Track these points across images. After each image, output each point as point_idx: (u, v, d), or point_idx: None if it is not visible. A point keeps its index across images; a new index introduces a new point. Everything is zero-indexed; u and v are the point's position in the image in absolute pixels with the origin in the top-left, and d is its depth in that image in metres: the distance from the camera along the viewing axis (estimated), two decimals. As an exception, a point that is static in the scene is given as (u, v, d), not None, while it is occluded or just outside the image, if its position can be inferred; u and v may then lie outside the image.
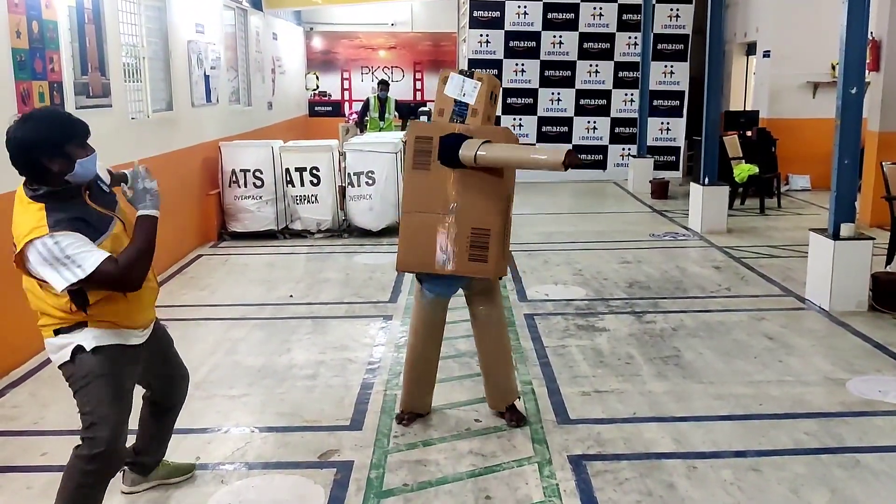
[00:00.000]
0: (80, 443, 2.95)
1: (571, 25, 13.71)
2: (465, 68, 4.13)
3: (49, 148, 2.75)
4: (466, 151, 3.76)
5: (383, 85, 13.15)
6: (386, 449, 3.94)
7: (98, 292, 2.86)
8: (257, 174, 9.02)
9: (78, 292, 2.81)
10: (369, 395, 4.59)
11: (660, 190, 12.06)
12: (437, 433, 4.11)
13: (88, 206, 2.89)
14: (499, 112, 13.72)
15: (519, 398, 4.32)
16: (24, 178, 2.86)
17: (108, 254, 2.78)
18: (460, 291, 4.13)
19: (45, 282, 2.78)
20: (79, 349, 2.91)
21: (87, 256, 2.72)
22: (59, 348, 2.94)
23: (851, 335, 5.60)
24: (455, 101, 3.95)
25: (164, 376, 3.40)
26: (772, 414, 4.32)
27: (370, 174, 9.09)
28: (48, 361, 5.15)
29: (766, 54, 12.63)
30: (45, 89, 5.51)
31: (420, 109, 14.51)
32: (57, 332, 2.92)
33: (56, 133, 2.78)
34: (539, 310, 6.26)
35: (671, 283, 7.03)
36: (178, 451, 3.85)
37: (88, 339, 2.91)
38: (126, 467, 3.47)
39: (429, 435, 4.09)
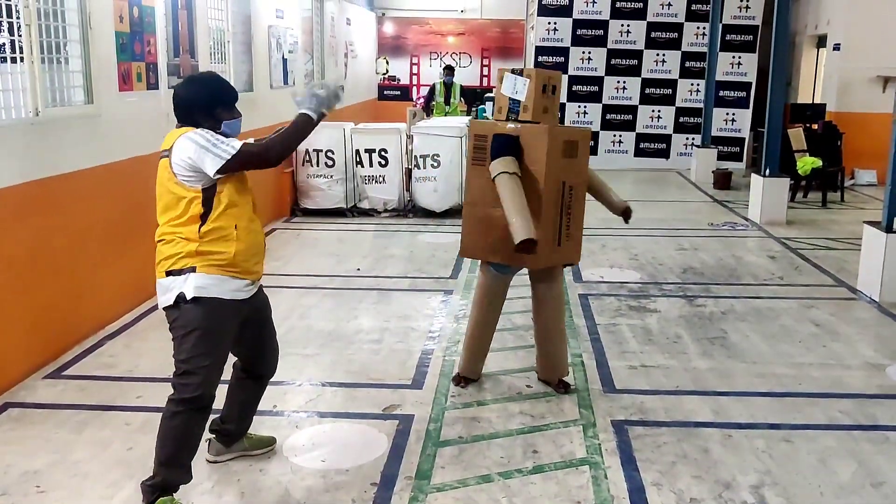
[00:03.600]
0: (174, 387, 3.18)
1: (640, 14, 13.82)
2: (518, 68, 4.37)
3: (202, 108, 3.19)
4: (492, 169, 4.14)
5: (449, 70, 13.46)
6: (444, 406, 4.31)
7: (217, 205, 3.13)
8: (329, 154, 9.48)
9: (210, 191, 3.11)
10: (429, 360, 4.97)
11: (722, 180, 12.13)
12: (491, 395, 4.47)
13: None
14: (564, 99, 13.96)
15: (568, 374, 4.62)
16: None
17: (245, 141, 3.20)
18: (524, 270, 4.46)
19: (185, 179, 3.08)
20: (181, 297, 3.11)
21: (232, 141, 3.13)
22: (166, 290, 3.15)
23: (899, 325, 5.76)
24: (510, 98, 4.29)
25: (258, 344, 3.51)
26: (810, 393, 4.55)
27: (436, 157, 9.45)
28: (140, 317, 5.71)
29: (836, 47, 12.54)
30: (142, 70, 6.01)
31: (486, 95, 14.79)
32: (168, 274, 3.14)
33: (208, 97, 3.21)
34: (593, 290, 6.55)
35: (725, 270, 7.22)
36: (257, 399, 4.30)
37: (191, 287, 3.10)
38: (212, 436, 3.64)
39: (483, 397, 4.45)
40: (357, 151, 9.57)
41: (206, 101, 3.20)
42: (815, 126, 11.62)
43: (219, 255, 3.14)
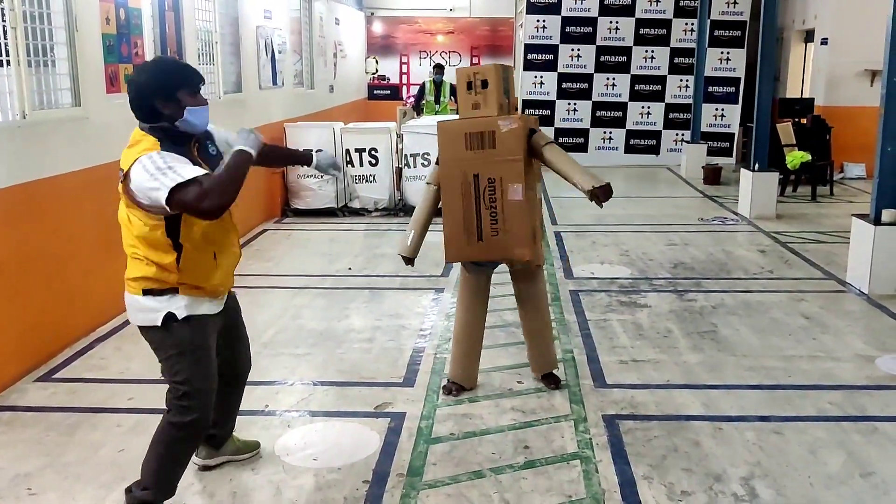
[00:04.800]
0: (171, 410, 3.06)
1: (628, 11, 13.85)
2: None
3: (162, 92, 2.89)
4: None
5: (438, 69, 13.47)
6: (435, 403, 4.32)
7: (190, 237, 2.92)
8: (319, 154, 9.45)
9: (172, 221, 2.88)
10: (421, 357, 4.98)
11: (712, 176, 12.17)
12: (483, 392, 4.47)
13: (192, 156, 2.98)
14: (554, 97, 14.00)
15: (557, 368, 4.63)
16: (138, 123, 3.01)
17: (203, 173, 2.83)
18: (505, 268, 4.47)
19: (146, 208, 2.82)
20: (171, 317, 2.96)
21: (188, 168, 2.80)
22: (147, 310, 2.97)
23: (887, 317, 5.79)
24: None
25: (232, 346, 3.40)
26: (799, 385, 4.58)
27: (426, 156, 9.46)
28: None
29: (824, 42, 12.60)
30: (130, 71, 5.99)
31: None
32: (146, 293, 2.96)
33: (169, 78, 2.92)
34: (584, 287, 6.57)
35: (715, 265, 7.25)
36: (248, 400, 4.23)
37: (181, 306, 2.97)
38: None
39: (474, 393, 4.46)
40: (347, 151, 9.58)
41: (164, 84, 2.91)
42: (804, 120, 11.67)
43: (200, 284, 3.02)
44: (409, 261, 4.39)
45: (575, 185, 4.05)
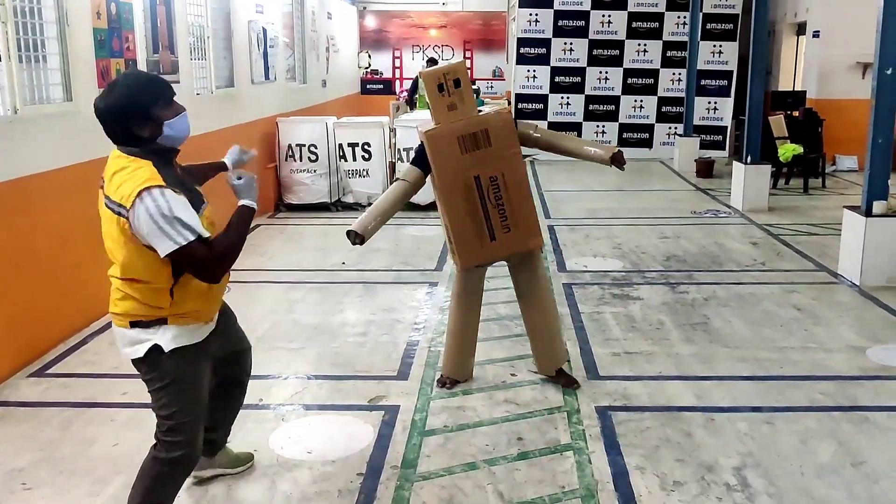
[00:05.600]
0: (158, 443, 2.92)
1: (620, 5, 13.86)
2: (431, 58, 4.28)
3: (136, 114, 2.68)
4: None
5: (432, 63, 13.46)
6: (429, 396, 4.33)
7: (188, 276, 2.75)
8: (312, 149, 9.47)
9: (177, 264, 2.70)
10: (415, 351, 4.99)
11: (705, 169, 12.20)
12: (476, 385, 4.49)
13: (180, 176, 2.83)
14: (547, 91, 14.01)
15: (567, 361, 4.61)
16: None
17: (209, 234, 2.68)
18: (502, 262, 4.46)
19: (149, 247, 2.64)
20: (156, 349, 2.78)
21: (196, 222, 2.64)
22: (133, 342, 2.80)
23: (878, 308, 5.82)
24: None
25: (228, 353, 3.25)
26: (791, 376, 4.60)
27: (419, 150, 9.45)
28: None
29: (816, 34, 12.63)
30: (121, 66, 5.98)
31: (469, 88, 14.79)
32: (133, 325, 2.78)
33: (140, 97, 2.69)
34: (577, 280, 6.58)
35: (707, 258, 7.28)
36: (242, 393, 4.31)
37: (167, 339, 2.78)
38: None
39: (468, 386, 4.47)
40: (340, 145, 9.57)
41: (138, 104, 2.69)
42: (796, 113, 11.70)
43: (191, 314, 2.84)
44: (362, 240, 4.12)
45: (590, 157, 4.24)
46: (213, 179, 3.37)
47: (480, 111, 4.21)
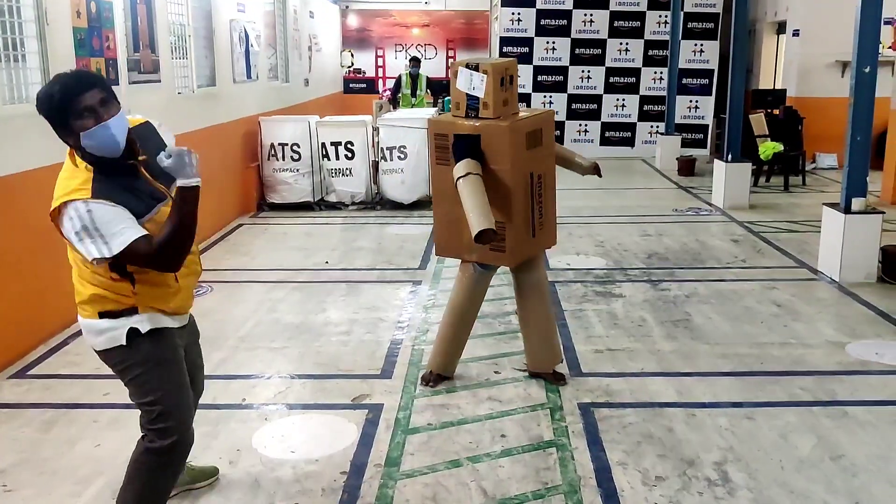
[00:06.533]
0: (147, 434, 2.80)
1: (602, 4, 13.89)
2: (474, 61, 4.19)
3: (53, 121, 2.59)
4: (454, 173, 3.98)
5: (415, 62, 13.46)
6: (413, 394, 4.34)
7: (142, 269, 2.68)
8: (295, 148, 9.44)
9: (115, 264, 2.63)
10: (398, 350, 5.00)
11: (686, 167, 12.28)
12: (460, 382, 4.50)
13: (141, 178, 2.69)
14: (529, 90, 14.02)
15: (561, 361, 4.58)
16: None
17: (145, 232, 2.57)
18: None
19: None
20: (134, 332, 2.72)
21: (117, 235, 2.52)
22: (105, 331, 2.73)
23: (857, 304, 5.88)
24: (467, 94, 4.11)
25: (188, 368, 3.06)
26: (771, 371, 4.64)
27: (402, 149, 9.46)
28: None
29: (796, 33, 12.73)
30: (101, 65, 5.94)
31: (452, 87, 14.80)
32: (102, 315, 2.72)
33: (53, 110, 2.57)
34: (560, 277, 6.61)
35: (689, 255, 7.33)
36: (225, 393, 4.31)
37: (143, 321, 2.73)
38: None
39: (451, 384, 4.48)
40: (323, 144, 9.55)
41: (53, 112, 2.57)
42: (777, 111, 11.80)
43: (159, 304, 2.78)
44: (495, 233, 3.83)
45: (578, 164, 4.62)
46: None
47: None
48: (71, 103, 2.55)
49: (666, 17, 13.71)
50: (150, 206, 2.66)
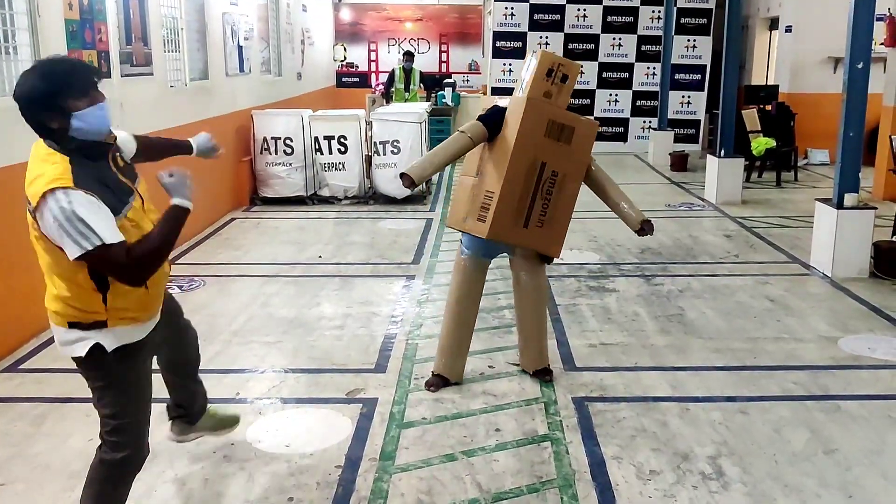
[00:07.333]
0: (103, 443, 2.80)
1: (596, -1, 13.91)
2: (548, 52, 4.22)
3: (42, 102, 2.50)
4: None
5: (408, 56, 13.43)
6: (407, 389, 4.34)
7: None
8: (287, 142, 9.41)
9: (95, 270, 2.56)
10: (392, 344, 4.99)
11: (679, 162, 12.30)
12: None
13: (111, 171, 2.64)
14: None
15: (546, 365, 4.52)
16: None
17: (123, 239, 2.49)
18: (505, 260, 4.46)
19: (60, 248, 2.49)
20: (97, 348, 2.64)
21: (106, 226, 2.46)
22: (72, 342, 2.66)
23: (850, 299, 5.91)
24: (523, 77, 4.20)
25: (171, 340, 3.17)
26: (764, 366, 4.66)
27: (395, 143, 9.45)
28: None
29: (788, 29, 12.77)
30: (94, 58, 5.91)
31: (445, 81, 14.80)
32: (72, 326, 2.64)
33: (47, 86, 2.50)
34: (553, 272, 6.61)
35: (682, 250, 7.35)
36: (218, 387, 4.29)
37: (109, 338, 2.64)
38: (171, 421, 3.49)
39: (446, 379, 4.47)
40: (316, 139, 9.52)
41: (43, 91, 2.49)
42: (769, 107, 11.82)
43: (131, 312, 2.70)
44: (413, 183, 4.00)
45: (620, 214, 4.42)
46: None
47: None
48: (74, 82, 2.54)
49: (659, 12, 13.72)
50: (122, 201, 2.60)
